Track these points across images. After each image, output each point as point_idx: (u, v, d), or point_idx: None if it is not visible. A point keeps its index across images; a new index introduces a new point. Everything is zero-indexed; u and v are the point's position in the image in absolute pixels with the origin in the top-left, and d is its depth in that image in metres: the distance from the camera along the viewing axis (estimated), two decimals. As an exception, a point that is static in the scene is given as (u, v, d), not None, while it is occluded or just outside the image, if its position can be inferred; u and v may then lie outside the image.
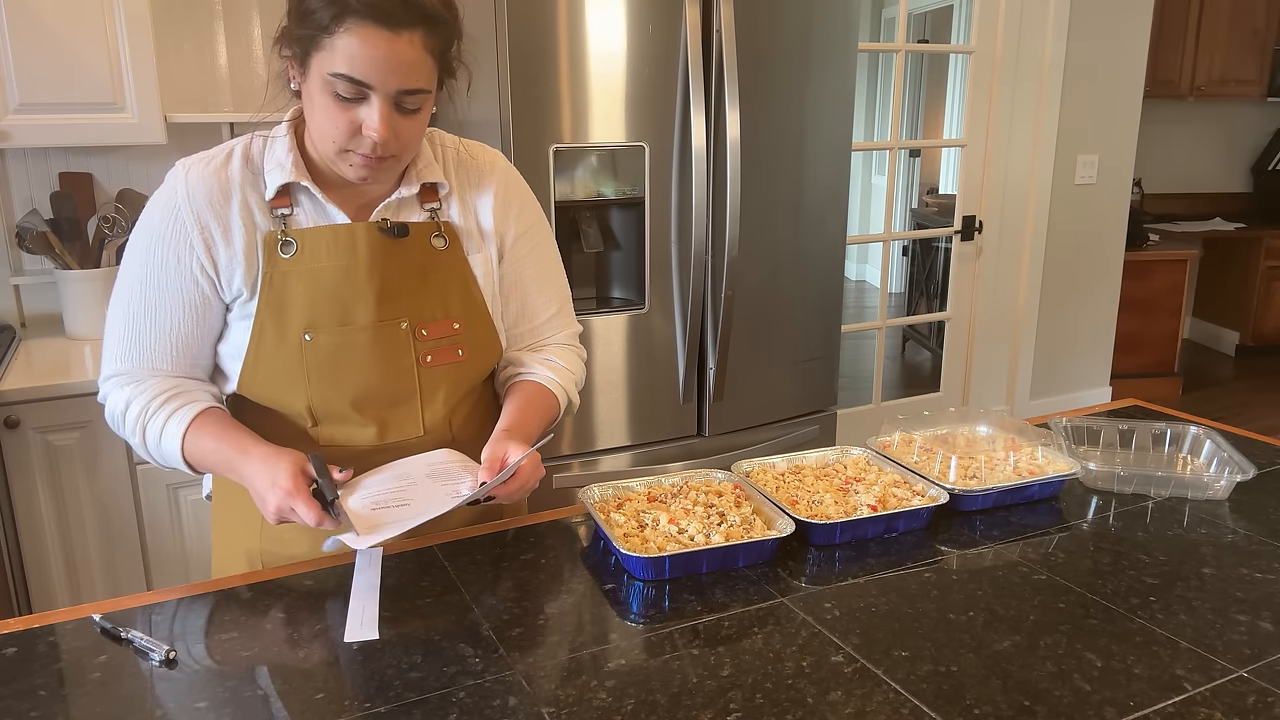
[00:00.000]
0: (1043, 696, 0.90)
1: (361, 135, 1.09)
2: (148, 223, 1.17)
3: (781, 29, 2.33)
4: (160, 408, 1.16)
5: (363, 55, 1.04)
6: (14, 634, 1.01)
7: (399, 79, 1.06)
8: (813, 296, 2.58)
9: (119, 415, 1.18)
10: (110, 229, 2.35)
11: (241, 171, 1.17)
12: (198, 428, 1.15)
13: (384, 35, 1.04)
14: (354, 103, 1.08)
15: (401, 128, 1.10)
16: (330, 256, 1.17)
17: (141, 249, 1.17)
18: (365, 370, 1.19)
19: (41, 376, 2.06)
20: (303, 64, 1.09)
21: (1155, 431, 1.55)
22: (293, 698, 0.90)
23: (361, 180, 1.15)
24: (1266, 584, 1.13)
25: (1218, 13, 4.97)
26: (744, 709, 0.89)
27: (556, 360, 1.35)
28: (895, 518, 1.25)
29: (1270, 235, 5.24)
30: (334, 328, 1.17)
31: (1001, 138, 3.79)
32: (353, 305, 1.18)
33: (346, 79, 1.05)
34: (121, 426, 1.19)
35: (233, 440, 1.13)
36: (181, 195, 1.15)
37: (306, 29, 1.06)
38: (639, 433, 2.40)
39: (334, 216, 1.19)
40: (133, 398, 1.17)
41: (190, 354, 1.19)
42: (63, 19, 2.12)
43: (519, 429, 1.22)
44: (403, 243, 1.20)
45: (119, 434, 1.20)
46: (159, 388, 1.17)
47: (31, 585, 2.08)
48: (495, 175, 1.30)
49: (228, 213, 1.15)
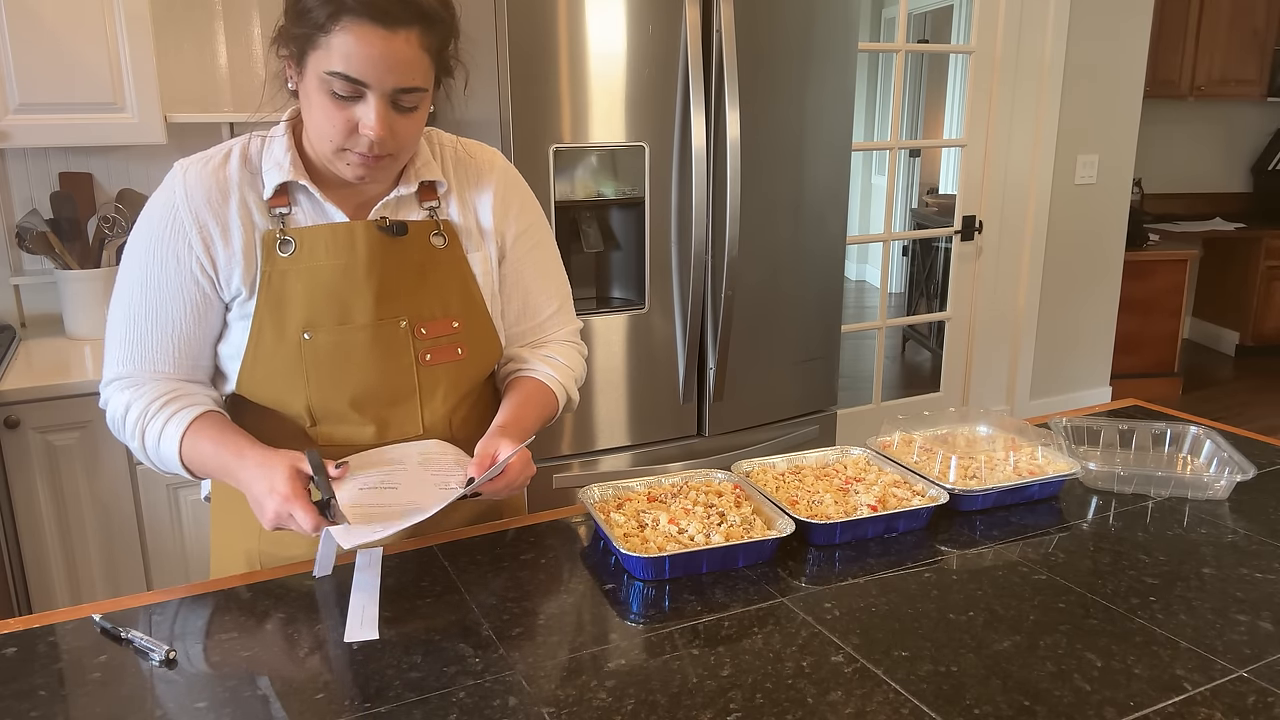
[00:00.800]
0: (1043, 696, 0.90)
1: (358, 134, 1.09)
2: (146, 224, 1.17)
3: (781, 29, 2.33)
4: (159, 410, 1.15)
5: (359, 54, 1.04)
6: (14, 634, 1.01)
7: (395, 77, 1.06)
8: (813, 296, 2.58)
9: (119, 419, 1.18)
10: (110, 229, 2.35)
11: (240, 171, 1.17)
12: (195, 431, 1.14)
13: (380, 33, 1.04)
14: (351, 101, 1.08)
15: (399, 126, 1.10)
16: (329, 255, 1.17)
17: (141, 250, 1.17)
18: (364, 369, 1.19)
19: (41, 376, 2.06)
20: (299, 63, 1.09)
21: (1155, 431, 1.55)
22: (293, 698, 0.90)
23: (359, 180, 1.15)
24: (1266, 584, 1.13)
25: (1218, 13, 4.98)
26: (744, 709, 0.89)
27: (557, 357, 1.35)
28: (895, 518, 1.25)
29: (1270, 235, 5.24)
30: (333, 326, 1.17)
31: (1001, 138, 3.79)
32: (351, 304, 1.18)
33: (343, 77, 1.05)
34: (122, 430, 1.18)
35: (230, 444, 1.12)
36: (180, 195, 1.15)
37: (303, 28, 1.06)
38: (639, 433, 2.40)
39: (332, 215, 1.19)
40: (132, 401, 1.16)
41: (192, 355, 1.19)
42: (63, 19, 2.12)
43: (514, 425, 1.22)
44: (401, 241, 1.20)
45: (120, 439, 1.20)
46: (158, 391, 1.16)
47: (31, 585, 2.08)
48: (494, 174, 1.30)
49: (226, 212, 1.15)
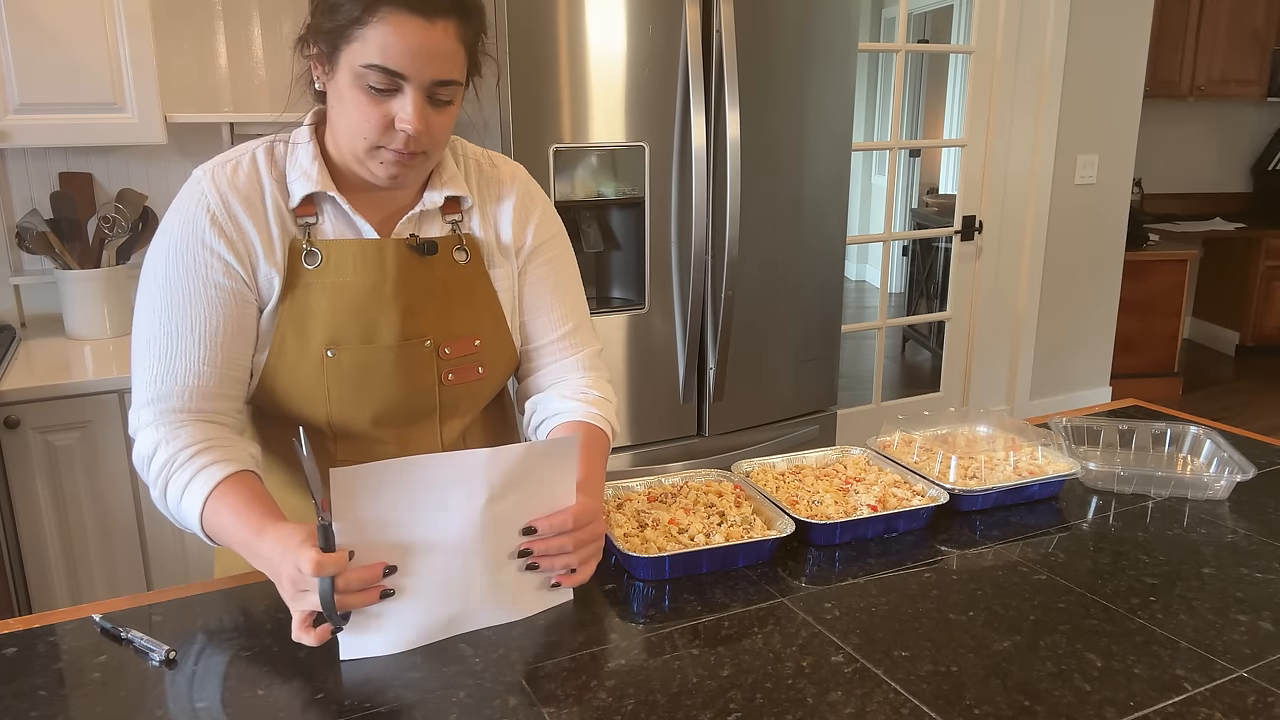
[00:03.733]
0: (1043, 696, 0.90)
1: (394, 130, 1.06)
2: (174, 230, 1.11)
3: (781, 29, 2.33)
4: (188, 461, 1.05)
5: (397, 45, 1.02)
6: (14, 634, 1.01)
7: (434, 69, 1.04)
8: (813, 296, 2.58)
9: (145, 459, 1.08)
10: (110, 229, 2.35)
11: (268, 175, 1.14)
12: (219, 496, 1.03)
13: (419, 23, 1.02)
14: (387, 95, 1.05)
15: (434, 121, 1.08)
16: (357, 272, 1.14)
17: (166, 259, 1.10)
18: (387, 388, 1.17)
19: (41, 376, 2.06)
20: (330, 60, 1.06)
21: (1155, 431, 1.55)
22: (293, 698, 0.90)
23: (391, 179, 1.12)
24: (1266, 584, 1.13)
25: (1218, 13, 4.98)
26: (744, 709, 0.89)
27: (593, 392, 1.28)
28: (895, 518, 1.25)
29: (1270, 235, 5.24)
30: (357, 345, 1.15)
31: (1001, 138, 3.79)
32: (378, 323, 1.15)
33: (380, 69, 1.03)
34: (146, 472, 1.08)
35: (252, 518, 1.01)
36: (214, 198, 1.10)
37: (336, 21, 1.04)
38: (639, 433, 2.40)
39: (360, 227, 1.16)
40: (161, 443, 1.07)
41: (224, 363, 1.11)
42: (63, 19, 2.12)
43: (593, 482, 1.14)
44: (428, 259, 1.17)
45: (143, 477, 1.10)
46: (190, 438, 1.07)
47: (31, 585, 2.08)
48: (515, 186, 1.27)
49: (257, 216, 1.12)
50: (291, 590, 0.94)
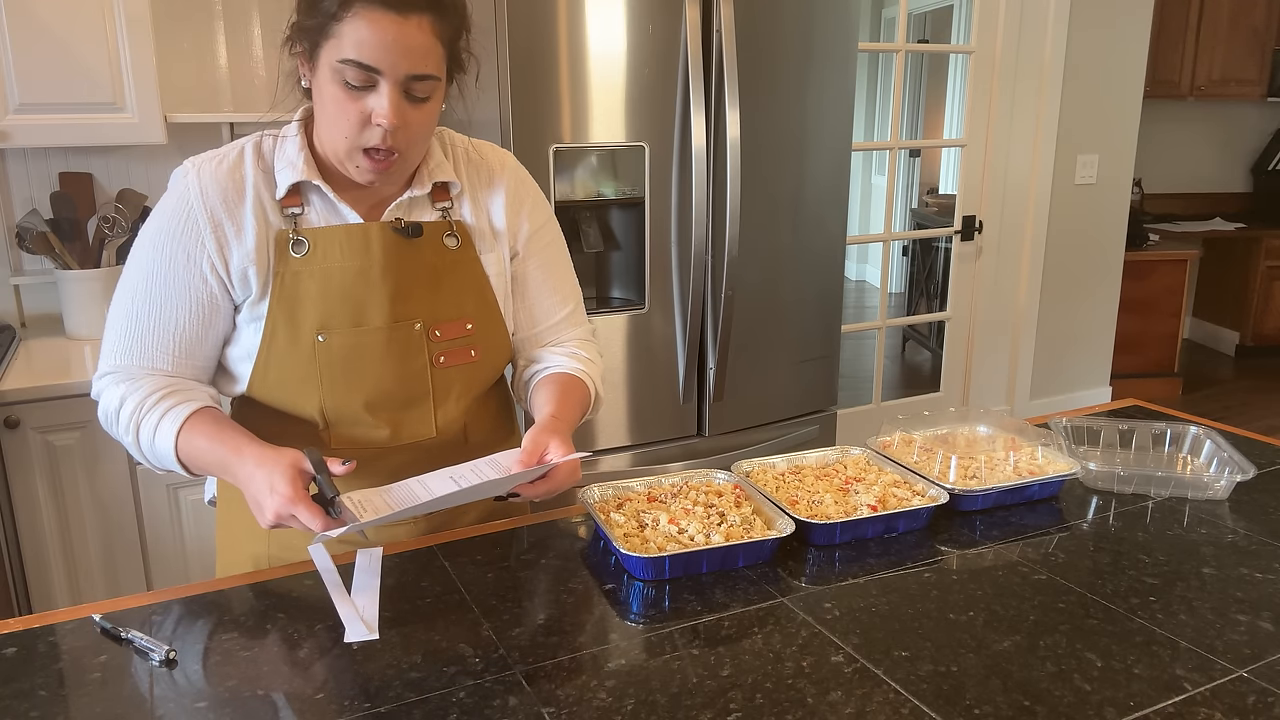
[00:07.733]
0: (1043, 696, 0.90)
1: (371, 126, 1.08)
2: (158, 220, 1.15)
3: (781, 29, 2.33)
4: (155, 405, 1.12)
5: (371, 40, 1.04)
6: (14, 634, 1.01)
7: (408, 63, 1.06)
8: (813, 296, 2.58)
9: (112, 413, 1.15)
10: (110, 229, 2.35)
11: (254, 169, 1.16)
12: (191, 426, 1.11)
13: (392, 19, 1.04)
14: (363, 91, 1.07)
15: (411, 117, 1.09)
16: (344, 256, 1.16)
17: (150, 246, 1.15)
18: (379, 372, 1.19)
19: (41, 376, 2.06)
20: (312, 56, 1.09)
21: (1155, 431, 1.55)
22: (293, 698, 0.90)
23: (369, 183, 1.15)
24: (1266, 584, 1.13)
25: (1218, 13, 4.97)
26: (744, 709, 0.89)
27: (580, 353, 1.34)
28: (895, 518, 1.25)
29: (1270, 235, 5.24)
30: (347, 329, 1.17)
31: (1001, 138, 3.79)
32: (366, 306, 1.17)
33: (355, 64, 1.05)
34: (114, 425, 1.15)
35: (227, 440, 1.09)
36: (195, 192, 1.13)
37: (315, 18, 1.06)
38: (639, 433, 2.40)
39: (346, 215, 1.18)
40: (127, 395, 1.13)
41: (192, 355, 1.17)
42: (63, 19, 2.12)
43: (563, 417, 1.21)
44: (416, 243, 1.19)
45: (110, 433, 1.17)
46: (154, 385, 1.14)
47: (31, 585, 2.08)
48: (506, 174, 1.29)
49: (241, 210, 1.14)
50: (272, 523, 1.03)
